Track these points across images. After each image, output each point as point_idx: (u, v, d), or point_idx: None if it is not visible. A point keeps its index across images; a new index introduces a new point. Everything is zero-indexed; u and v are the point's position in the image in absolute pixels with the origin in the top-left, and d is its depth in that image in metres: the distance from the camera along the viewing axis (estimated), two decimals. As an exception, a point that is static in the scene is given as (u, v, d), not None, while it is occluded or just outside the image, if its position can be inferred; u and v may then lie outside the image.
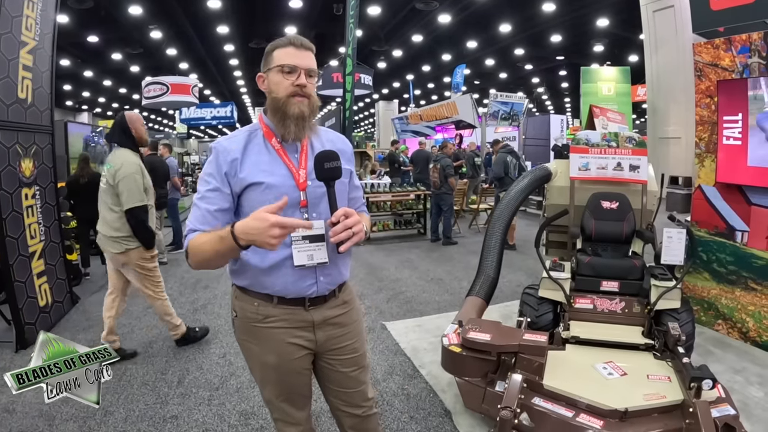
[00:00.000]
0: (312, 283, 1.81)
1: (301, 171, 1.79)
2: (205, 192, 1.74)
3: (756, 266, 4.19)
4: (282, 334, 1.83)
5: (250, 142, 1.79)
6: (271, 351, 1.85)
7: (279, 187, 1.73)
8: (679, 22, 8.63)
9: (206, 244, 1.64)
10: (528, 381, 2.74)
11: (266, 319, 1.82)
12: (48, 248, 5.11)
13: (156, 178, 7.55)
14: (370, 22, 15.57)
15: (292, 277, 1.78)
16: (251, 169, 1.74)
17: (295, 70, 1.74)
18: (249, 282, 1.82)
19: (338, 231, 1.61)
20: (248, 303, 1.84)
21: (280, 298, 1.81)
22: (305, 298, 1.82)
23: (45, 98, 5.20)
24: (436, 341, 4.27)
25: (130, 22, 14.38)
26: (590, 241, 4.09)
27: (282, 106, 1.74)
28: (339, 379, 1.98)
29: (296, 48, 1.77)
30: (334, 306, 1.91)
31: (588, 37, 17.33)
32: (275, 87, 1.76)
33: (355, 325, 2.00)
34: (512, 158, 8.53)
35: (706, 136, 4.55)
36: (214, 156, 1.76)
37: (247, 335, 1.89)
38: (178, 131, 28.45)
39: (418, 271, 7.18)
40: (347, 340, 1.96)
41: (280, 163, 1.78)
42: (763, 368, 3.82)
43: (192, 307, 5.65)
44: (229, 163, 1.73)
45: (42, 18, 5.02)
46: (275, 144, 1.80)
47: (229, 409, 3.41)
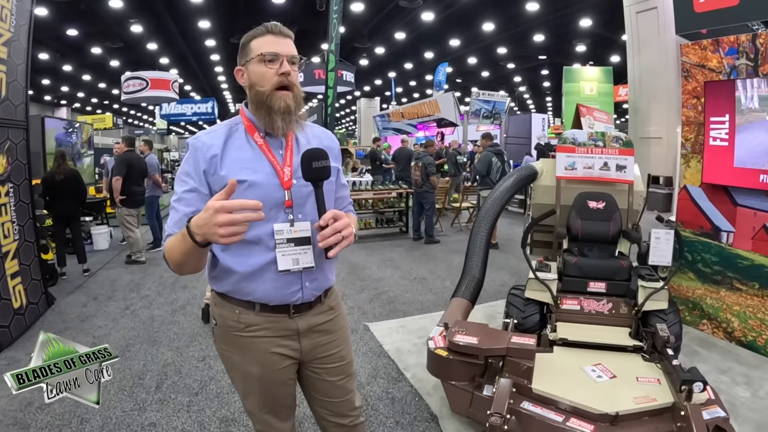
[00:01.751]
0: (297, 290, 1.70)
1: (286, 168, 1.67)
2: (182, 193, 1.62)
3: (741, 267, 4.19)
4: (265, 343, 1.72)
5: (231, 136, 1.67)
6: (253, 361, 1.74)
7: (262, 185, 1.61)
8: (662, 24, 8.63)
9: (175, 245, 1.52)
10: (516, 385, 2.68)
11: (248, 327, 1.71)
12: (22, 248, 4.94)
13: (132, 175, 7.42)
14: (353, 19, 15.45)
15: (276, 282, 1.66)
16: (232, 166, 1.61)
17: (277, 57, 1.63)
18: (229, 288, 1.71)
19: (327, 235, 1.52)
20: (229, 311, 1.73)
21: (262, 305, 1.69)
22: (289, 305, 1.71)
23: (20, 92, 5.04)
24: (420, 342, 4.22)
25: (110, 15, 14.06)
26: (576, 241, 4.05)
27: (267, 100, 1.63)
28: (325, 389, 1.88)
29: (275, 35, 1.66)
30: (320, 312, 1.81)
31: (570, 37, 17.39)
32: (258, 79, 1.64)
33: (341, 332, 1.90)
34: (497, 160, 8.47)
35: (692, 136, 4.53)
36: (192, 152, 1.63)
37: (228, 345, 1.77)
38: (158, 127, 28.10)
39: (401, 270, 7.11)
40: (334, 348, 1.86)
41: (264, 160, 1.66)
42: (749, 368, 3.83)
43: (171, 308, 5.52)
44: (208, 160, 1.61)
45: (18, 9, 4.85)
46: (258, 139, 1.68)
47: (209, 415, 3.31)
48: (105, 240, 9.01)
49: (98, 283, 6.65)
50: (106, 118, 23.49)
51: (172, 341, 4.57)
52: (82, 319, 5.18)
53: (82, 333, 4.78)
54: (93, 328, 4.90)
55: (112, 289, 6.34)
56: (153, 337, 4.68)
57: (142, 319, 5.18)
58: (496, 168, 8.39)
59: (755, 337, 4.11)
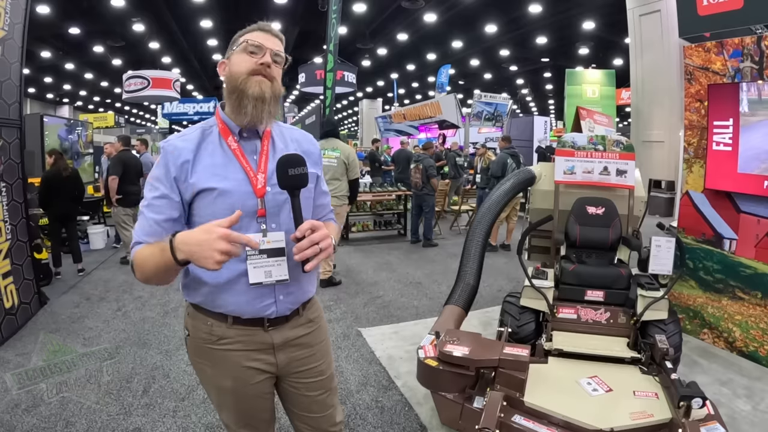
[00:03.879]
0: (270, 303, 1.61)
1: (260, 175, 1.57)
2: (152, 199, 1.52)
3: (744, 275, 4.09)
4: (238, 357, 1.62)
5: (204, 140, 1.58)
6: (226, 375, 1.64)
7: (233, 193, 1.52)
8: (665, 27, 8.60)
9: (149, 257, 1.44)
10: (508, 398, 2.59)
11: (220, 340, 1.62)
12: (14, 247, 4.89)
13: (128, 175, 7.37)
14: (355, 20, 15.45)
15: (247, 295, 1.57)
16: (203, 172, 1.52)
17: (260, 49, 1.54)
18: (201, 299, 1.61)
19: (303, 247, 1.42)
20: (201, 322, 1.63)
21: (235, 318, 1.60)
22: (263, 318, 1.62)
23: (14, 91, 5.00)
24: (413, 350, 4.12)
25: (112, 14, 14.09)
26: (575, 247, 3.95)
27: (240, 84, 1.53)
28: (305, 403, 1.79)
29: (264, 32, 1.58)
30: (297, 326, 1.71)
31: (573, 40, 17.37)
32: (237, 66, 1.55)
33: (321, 346, 1.80)
34: (512, 161, 8.43)
35: (695, 141, 4.44)
36: (163, 157, 1.54)
37: (200, 357, 1.67)
38: (159, 126, 28.12)
39: (397, 273, 7.01)
40: (313, 362, 1.76)
41: (236, 166, 1.56)
42: (750, 380, 3.73)
43: (162, 310, 5.44)
44: (179, 166, 1.52)
45: (12, 7, 4.82)
46: (232, 143, 1.58)
47: (195, 421, 3.23)
48: (101, 239, 8.96)
49: (92, 283, 6.59)
50: (108, 117, 23.51)
51: (161, 344, 4.50)
52: (74, 320, 5.12)
53: (73, 334, 4.73)
54: (84, 330, 4.84)
55: (105, 289, 6.28)
56: (143, 339, 4.61)
57: (133, 320, 5.12)
58: (510, 170, 8.33)
59: (757, 347, 4.01)
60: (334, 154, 6.11)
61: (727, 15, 4.11)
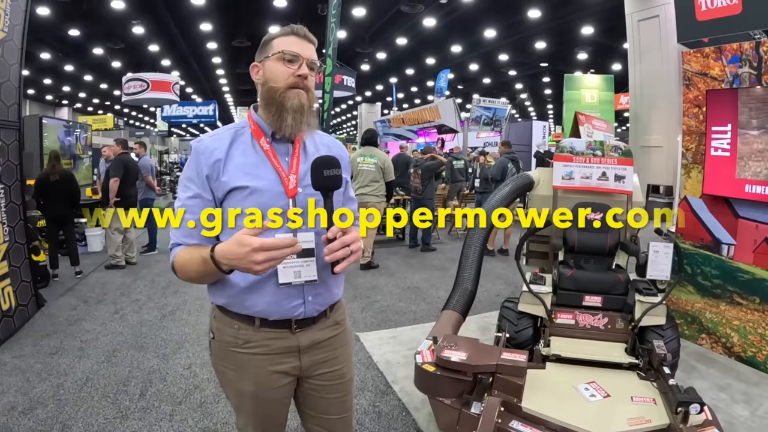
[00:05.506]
0: (299, 304, 1.60)
1: (291, 176, 1.57)
2: (186, 200, 1.55)
3: (742, 280, 4.09)
4: (263, 361, 1.62)
5: (236, 140, 1.59)
6: (248, 379, 1.63)
7: (265, 192, 1.53)
8: (664, 32, 8.60)
9: (189, 263, 1.47)
10: (505, 403, 2.58)
11: (246, 344, 1.61)
12: (12, 249, 4.90)
13: (127, 177, 7.36)
14: (355, 24, 15.45)
15: (276, 296, 1.56)
16: (234, 171, 1.53)
17: (297, 58, 1.55)
18: (227, 300, 1.61)
19: (335, 248, 1.42)
20: (227, 325, 1.63)
21: (262, 320, 1.59)
22: (291, 320, 1.61)
23: (12, 92, 5.01)
24: (411, 354, 4.11)
25: (112, 16, 14.06)
26: (573, 252, 3.95)
27: (279, 98, 1.54)
28: (323, 405, 1.77)
29: (299, 38, 1.58)
30: (324, 328, 1.71)
31: (572, 45, 17.39)
32: (273, 76, 1.56)
33: (345, 349, 1.80)
34: (512, 166, 8.45)
35: (693, 146, 4.44)
36: (194, 157, 1.55)
37: (224, 360, 1.67)
38: (158, 129, 28.12)
39: (395, 278, 7.01)
40: (335, 365, 1.75)
41: (268, 166, 1.57)
42: (748, 385, 3.72)
43: (160, 313, 5.44)
44: (211, 165, 1.53)
45: (12, 9, 4.83)
46: (264, 144, 1.59)
47: (191, 425, 3.23)
48: (99, 242, 8.94)
49: (89, 285, 6.58)
50: (107, 119, 23.56)
51: (159, 347, 4.50)
52: (71, 323, 5.11)
53: (70, 337, 4.72)
54: (81, 332, 4.83)
55: (103, 292, 6.27)
56: (140, 342, 4.61)
57: (130, 323, 5.11)
58: (510, 174, 8.35)
59: (755, 352, 4.01)
60: (372, 160, 7.18)
61: (725, 20, 4.11)
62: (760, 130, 3.88)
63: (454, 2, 13.60)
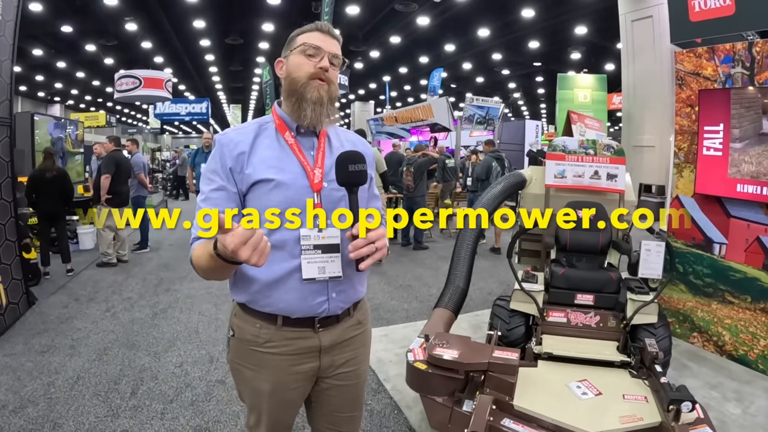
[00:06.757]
0: (323, 300, 1.58)
1: (317, 170, 1.57)
2: (210, 192, 1.52)
3: (733, 279, 4.11)
4: (283, 361, 1.60)
5: (261, 134, 1.58)
6: (266, 379, 1.61)
7: (289, 186, 1.52)
8: (657, 33, 8.62)
9: (201, 259, 1.43)
10: (497, 401, 2.57)
11: (267, 343, 1.59)
12: (3, 247, 4.87)
13: (119, 175, 7.32)
14: (348, 22, 15.40)
15: (300, 292, 1.54)
16: (259, 164, 1.52)
17: (319, 52, 1.55)
18: (249, 298, 1.58)
19: (360, 245, 1.40)
20: (249, 324, 1.60)
21: (285, 318, 1.57)
22: (315, 318, 1.59)
23: (4, 89, 4.99)
24: (403, 353, 4.10)
25: (105, 12, 13.99)
26: (565, 251, 3.95)
27: (300, 89, 1.54)
28: (336, 403, 1.75)
29: (322, 33, 1.59)
30: (346, 327, 1.69)
31: (565, 45, 17.41)
32: (295, 68, 1.56)
33: (364, 349, 1.79)
34: (497, 164, 8.46)
35: (685, 145, 4.46)
36: (218, 149, 1.54)
37: (242, 359, 1.64)
38: (151, 126, 27.95)
39: (387, 276, 7.01)
40: (353, 365, 1.73)
41: (293, 160, 1.56)
42: (740, 383, 3.75)
43: (152, 311, 5.42)
44: (235, 157, 1.52)
45: (4, 4, 4.81)
46: (289, 138, 1.59)
47: (183, 424, 3.22)
48: (91, 239, 8.88)
49: (81, 283, 6.54)
50: (99, 116, 23.36)
51: (150, 346, 4.48)
52: (62, 321, 5.08)
53: (61, 335, 4.69)
54: (72, 330, 4.81)
55: (94, 290, 6.24)
56: (132, 341, 4.58)
57: (122, 321, 5.09)
58: (495, 173, 8.38)
59: (746, 351, 4.03)
60: None
61: (719, 21, 4.13)
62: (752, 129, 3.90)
63: (447, 1, 13.60)
